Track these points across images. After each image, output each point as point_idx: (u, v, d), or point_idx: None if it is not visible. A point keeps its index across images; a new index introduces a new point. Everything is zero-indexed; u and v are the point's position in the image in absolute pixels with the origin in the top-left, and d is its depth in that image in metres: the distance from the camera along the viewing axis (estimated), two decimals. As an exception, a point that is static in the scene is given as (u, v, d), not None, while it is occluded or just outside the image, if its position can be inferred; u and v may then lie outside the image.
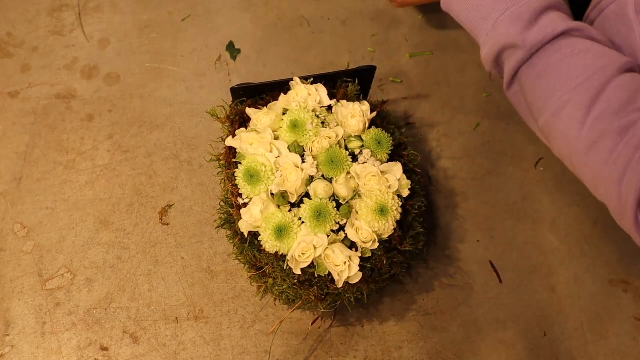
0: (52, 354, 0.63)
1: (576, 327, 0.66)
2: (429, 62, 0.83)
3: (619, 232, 0.72)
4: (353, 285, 0.57)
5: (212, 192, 0.73)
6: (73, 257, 0.68)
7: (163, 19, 0.86)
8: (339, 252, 0.55)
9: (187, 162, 0.75)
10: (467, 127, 0.78)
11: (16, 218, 0.71)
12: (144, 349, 0.63)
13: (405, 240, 0.59)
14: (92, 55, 0.83)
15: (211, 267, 0.68)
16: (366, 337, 0.65)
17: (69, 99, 0.79)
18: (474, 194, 0.74)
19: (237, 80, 0.81)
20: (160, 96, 0.80)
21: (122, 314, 0.65)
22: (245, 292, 0.67)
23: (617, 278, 0.69)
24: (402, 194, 0.60)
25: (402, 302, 0.67)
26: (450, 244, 0.70)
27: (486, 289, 0.68)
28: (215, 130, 0.76)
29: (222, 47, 0.84)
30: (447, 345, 0.65)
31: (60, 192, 0.72)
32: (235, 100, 0.67)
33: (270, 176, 0.58)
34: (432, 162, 0.76)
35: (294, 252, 0.55)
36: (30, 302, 0.66)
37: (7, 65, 0.82)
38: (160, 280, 0.67)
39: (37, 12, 0.87)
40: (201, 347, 0.63)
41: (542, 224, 0.72)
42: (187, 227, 0.70)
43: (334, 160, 0.58)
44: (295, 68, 0.83)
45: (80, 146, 0.76)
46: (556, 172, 0.75)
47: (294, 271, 0.56)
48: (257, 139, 0.60)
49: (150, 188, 0.73)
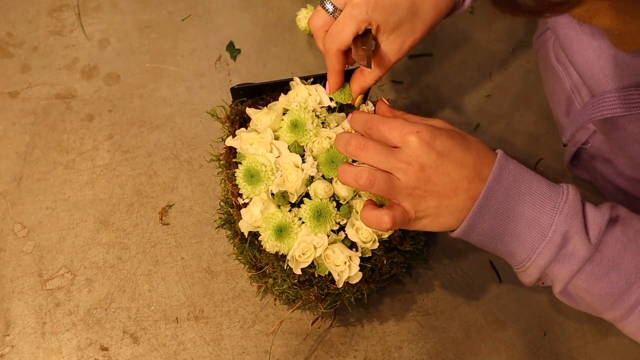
0: (52, 354, 0.63)
1: (576, 327, 0.66)
2: (429, 63, 0.83)
3: (618, 232, 0.72)
4: (353, 285, 0.57)
5: (212, 192, 0.73)
6: (73, 257, 0.68)
7: (163, 19, 0.86)
8: (339, 252, 0.55)
9: (187, 162, 0.75)
10: (467, 127, 0.78)
11: (16, 218, 0.71)
12: (144, 349, 0.63)
13: (405, 240, 0.59)
14: (92, 55, 0.83)
15: (211, 267, 0.68)
16: (366, 337, 0.65)
17: (69, 99, 0.79)
18: (474, 194, 0.74)
19: (237, 80, 0.81)
20: (160, 96, 0.80)
21: (122, 314, 0.65)
22: (245, 292, 0.67)
23: (617, 278, 0.69)
24: (402, 194, 0.60)
25: (402, 302, 0.67)
26: (450, 244, 0.70)
27: (486, 289, 0.68)
28: (215, 130, 0.76)
29: (222, 47, 0.84)
30: (447, 345, 0.65)
31: (60, 192, 0.72)
32: (235, 100, 0.67)
33: (270, 176, 0.58)
34: (432, 162, 0.76)
35: (294, 252, 0.55)
36: (30, 302, 0.66)
37: (7, 65, 0.82)
38: (160, 280, 0.67)
39: (37, 12, 0.87)
40: (201, 347, 0.63)
41: (542, 224, 0.72)
42: (187, 227, 0.70)
43: (334, 161, 0.58)
44: (295, 68, 0.83)
45: (80, 146, 0.76)
46: (556, 172, 0.75)
47: (294, 271, 0.56)
48: (257, 139, 0.60)
49: (150, 188, 0.73)
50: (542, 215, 0.47)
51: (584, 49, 0.54)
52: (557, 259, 0.47)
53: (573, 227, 0.46)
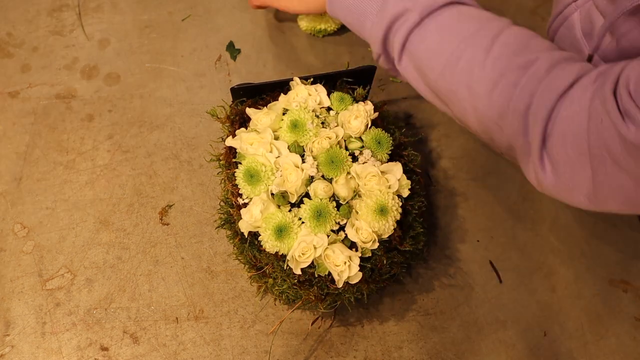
0: (52, 354, 0.63)
1: (576, 327, 0.66)
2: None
3: (619, 232, 0.72)
4: (353, 285, 0.57)
5: (212, 192, 0.73)
6: (73, 257, 0.68)
7: (163, 19, 0.86)
8: (339, 252, 0.55)
9: (187, 162, 0.75)
10: (467, 127, 0.78)
11: (16, 218, 0.71)
12: (144, 349, 0.63)
13: (405, 240, 0.59)
14: (92, 55, 0.83)
15: (211, 267, 0.68)
16: (366, 337, 0.65)
17: (69, 99, 0.79)
18: (474, 194, 0.74)
19: (237, 80, 0.81)
20: (160, 96, 0.80)
21: (122, 314, 0.65)
22: (245, 292, 0.67)
23: (617, 278, 0.69)
24: (402, 194, 0.60)
25: (402, 302, 0.67)
26: (450, 244, 0.70)
27: (486, 289, 0.68)
28: (215, 130, 0.76)
29: (222, 47, 0.84)
30: (447, 345, 0.65)
31: (60, 192, 0.72)
32: (235, 100, 0.68)
33: (270, 176, 0.58)
34: (432, 162, 0.76)
35: (294, 252, 0.55)
36: (30, 302, 0.66)
37: (7, 65, 0.82)
38: (160, 280, 0.67)
39: (37, 12, 0.87)
40: (201, 347, 0.63)
41: (542, 224, 0.72)
42: (187, 227, 0.70)
43: (334, 161, 0.58)
44: (295, 68, 0.83)
45: (80, 146, 0.76)
46: (556, 172, 0.75)
47: (294, 271, 0.56)
48: (257, 139, 0.60)
49: (150, 188, 0.73)
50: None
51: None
52: (394, 23, 0.56)
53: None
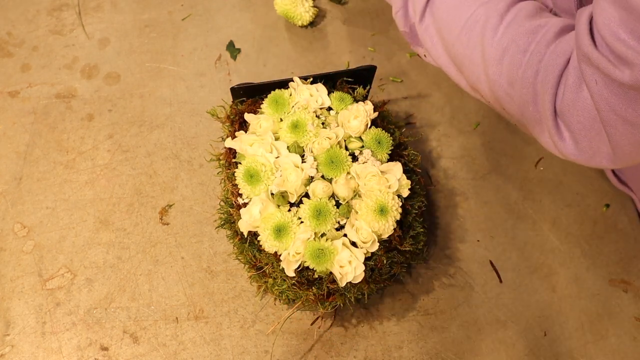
0: (52, 353, 0.63)
1: (576, 327, 0.66)
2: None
3: (619, 232, 0.72)
4: (353, 285, 0.57)
5: (212, 192, 0.73)
6: (73, 257, 0.68)
7: (163, 19, 0.86)
8: (344, 250, 0.55)
9: (187, 161, 0.75)
10: (467, 127, 0.78)
11: (16, 218, 0.71)
12: (144, 349, 0.63)
13: (405, 240, 0.59)
14: (92, 54, 0.83)
15: (211, 267, 0.68)
16: (366, 337, 0.65)
17: (69, 99, 0.79)
18: (474, 194, 0.74)
19: (237, 79, 0.81)
20: (160, 96, 0.80)
21: (122, 313, 0.65)
22: (245, 292, 0.67)
23: (617, 278, 0.69)
24: (402, 194, 0.59)
25: (402, 302, 0.67)
26: (450, 244, 0.70)
27: (486, 289, 0.68)
28: (215, 130, 0.76)
29: (222, 46, 0.84)
30: (447, 345, 0.65)
31: (60, 191, 0.72)
32: (235, 100, 0.67)
33: (270, 176, 0.58)
34: (432, 162, 0.76)
35: (289, 251, 0.55)
36: (30, 301, 0.66)
37: (7, 65, 0.82)
38: (160, 280, 0.67)
39: (37, 12, 0.87)
40: (201, 347, 0.63)
41: (542, 224, 0.72)
42: (187, 227, 0.70)
43: (334, 161, 0.58)
44: (295, 68, 0.83)
45: (80, 146, 0.76)
46: (556, 172, 0.75)
47: (286, 272, 0.56)
48: (257, 140, 0.60)
49: (150, 188, 0.73)
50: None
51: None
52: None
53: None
